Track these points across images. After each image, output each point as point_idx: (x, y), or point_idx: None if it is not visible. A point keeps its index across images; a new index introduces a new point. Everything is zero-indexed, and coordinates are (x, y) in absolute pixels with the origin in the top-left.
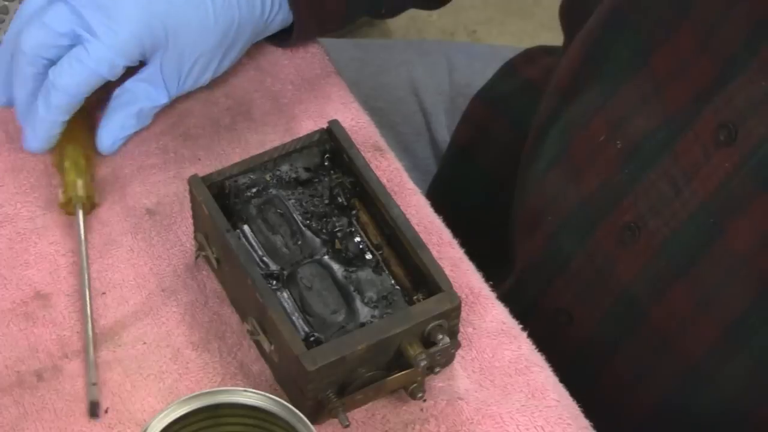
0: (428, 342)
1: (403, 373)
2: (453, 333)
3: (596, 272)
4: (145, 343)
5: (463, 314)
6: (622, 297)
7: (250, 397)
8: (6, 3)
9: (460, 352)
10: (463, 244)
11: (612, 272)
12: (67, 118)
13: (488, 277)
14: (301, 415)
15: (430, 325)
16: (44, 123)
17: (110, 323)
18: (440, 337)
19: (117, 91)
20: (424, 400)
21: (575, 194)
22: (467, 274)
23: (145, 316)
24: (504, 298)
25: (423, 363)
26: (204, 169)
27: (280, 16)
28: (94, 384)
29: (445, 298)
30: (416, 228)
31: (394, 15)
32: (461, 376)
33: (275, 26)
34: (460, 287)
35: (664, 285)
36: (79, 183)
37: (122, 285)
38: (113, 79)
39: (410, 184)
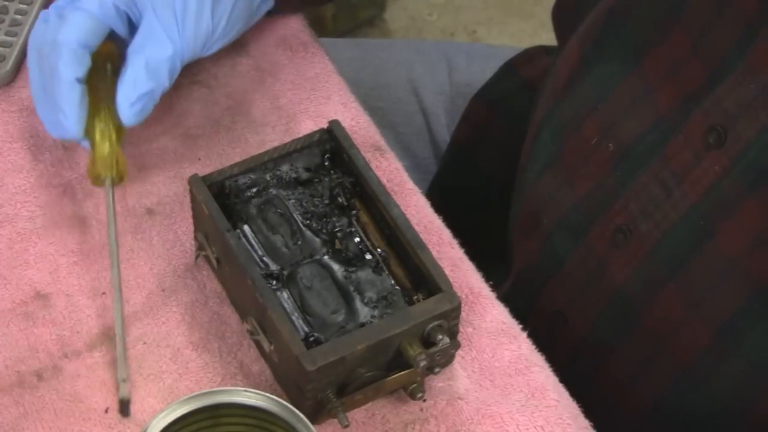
0: (428, 342)
1: (402, 373)
2: (453, 333)
3: (589, 274)
4: (145, 343)
5: (463, 314)
6: (615, 299)
7: (250, 397)
8: (6, 3)
9: (460, 352)
10: (462, 244)
11: (605, 274)
12: (82, 73)
13: (488, 278)
14: (301, 415)
15: (430, 326)
16: (63, 86)
17: (110, 323)
18: (440, 337)
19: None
20: (424, 400)
21: (569, 196)
22: (467, 274)
23: (145, 316)
24: (502, 299)
25: (423, 363)
26: (204, 169)
27: None
28: (125, 380)
29: (445, 299)
30: (416, 228)
31: None
32: (461, 376)
33: None
34: (460, 287)
35: (655, 287)
36: (109, 153)
37: (122, 285)
38: (107, 22)
39: (410, 184)
